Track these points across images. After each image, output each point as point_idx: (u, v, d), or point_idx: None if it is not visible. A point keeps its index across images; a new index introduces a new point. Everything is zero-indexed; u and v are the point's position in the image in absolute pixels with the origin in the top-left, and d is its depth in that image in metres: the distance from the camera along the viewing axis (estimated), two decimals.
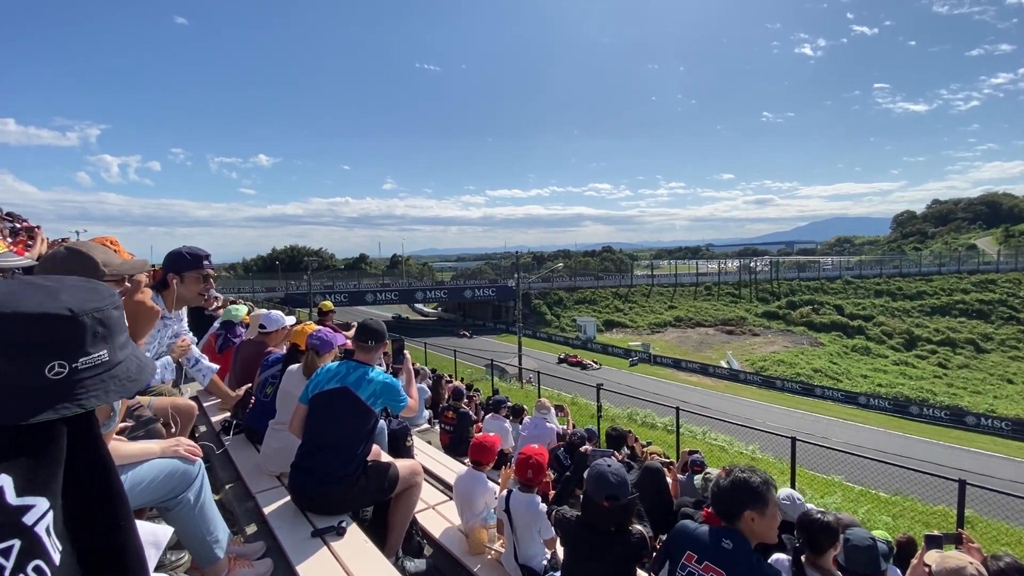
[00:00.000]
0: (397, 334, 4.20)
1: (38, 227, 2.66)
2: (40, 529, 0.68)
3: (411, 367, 3.27)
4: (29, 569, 0.65)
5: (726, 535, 1.88)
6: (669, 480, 4.91)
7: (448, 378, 11.62)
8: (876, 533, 2.93)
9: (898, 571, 3.14)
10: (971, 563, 2.02)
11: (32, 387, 0.71)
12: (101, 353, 0.76)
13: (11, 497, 0.66)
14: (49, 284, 0.78)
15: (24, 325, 0.70)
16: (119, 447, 1.91)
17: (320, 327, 3.41)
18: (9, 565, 0.64)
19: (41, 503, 0.69)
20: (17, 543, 0.65)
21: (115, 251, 2.39)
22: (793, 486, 7.92)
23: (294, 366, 3.29)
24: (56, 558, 0.70)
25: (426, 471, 4.10)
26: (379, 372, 2.75)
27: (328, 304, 6.85)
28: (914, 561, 2.39)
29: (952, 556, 2.09)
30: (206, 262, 2.77)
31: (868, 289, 62.94)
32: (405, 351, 3.36)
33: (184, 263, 2.69)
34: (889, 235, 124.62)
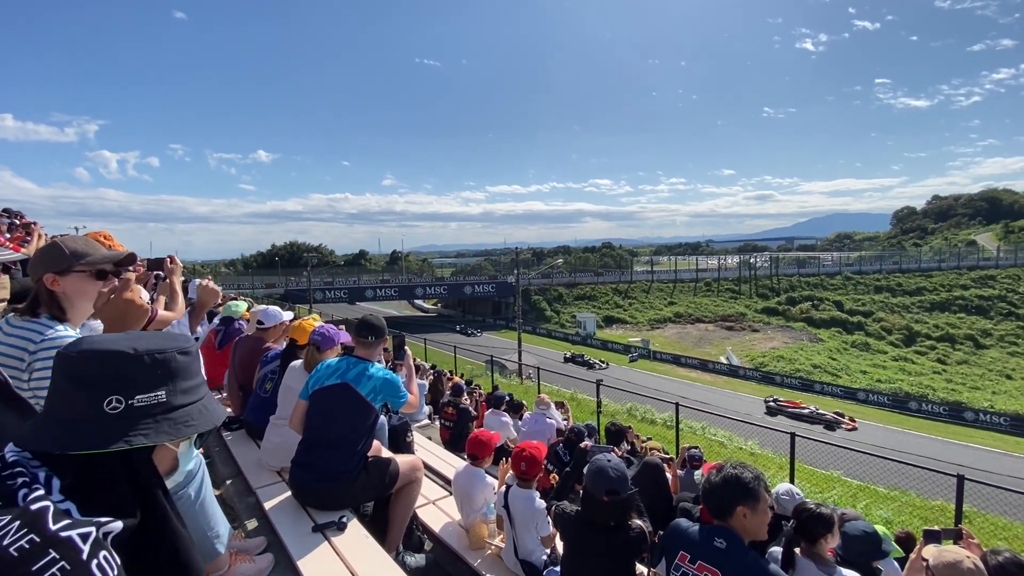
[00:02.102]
0: (397, 330, 4.21)
1: (35, 223, 2.65)
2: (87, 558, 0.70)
3: (412, 363, 3.27)
4: None
5: (719, 534, 1.87)
6: (669, 476, 4.92)
7: (448, 374, 11.63)
8: (878, 529, 2.96)
9: (895, 564, 3.15)
10: (968, 557, 2.02)
11: (93, 419, 0.80)
12: (158, 394, 0.84)
13: (51, 523, 0.70)
14: (136, 333, 0.92)
15: (94, 360, 0.82)
16: None
17: (323, 324, 3.41)
18: None
19: (87, 531, 0.72)
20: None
21: (109, 246, 2.39)
22: (792, 481, 7.95)
23: (296, 362, 3.28)
24: None
25: (426, 467, 4.11)
26: (379, 368, 2.75)
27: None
28: (912, 555, 2.40)
29: (949, 550, 2.09)
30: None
31: (868, 285, 62.96)
32: (406, 347, 3.37)
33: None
34: (889, 231, 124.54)
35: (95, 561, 0.69)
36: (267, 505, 2.76)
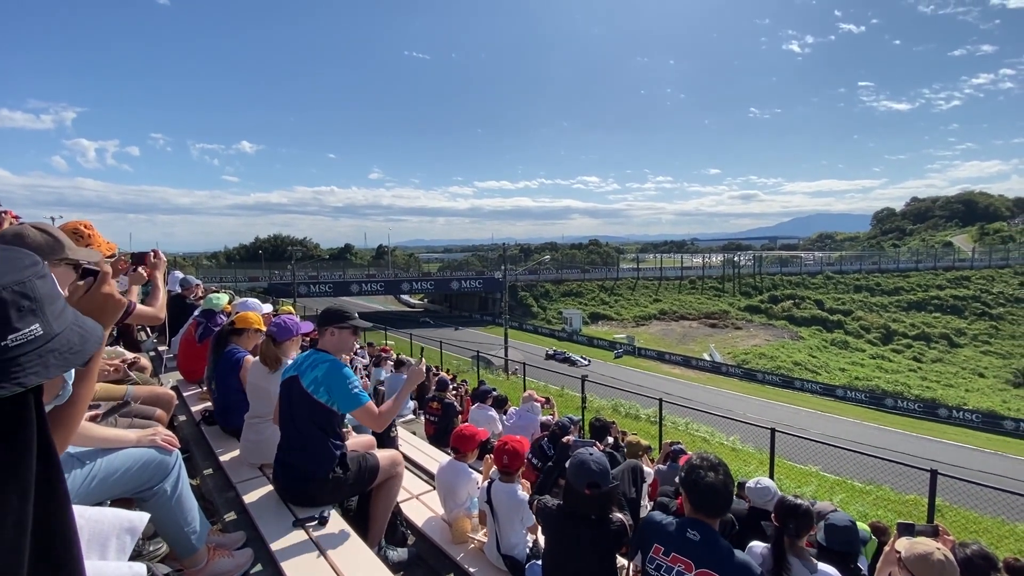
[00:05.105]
0: (384, 325, 4.14)
1: (6, 211, 2.56)
2: None
3: (409, 385, 2.87)
4: None
5: (692, 526, 1.90)
6: (650, 471, 4.97)
7: (435, 369, 11.60)
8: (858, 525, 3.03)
9: (866, 561, 3.22)
10: (938, 549, 2.08)
11: None
12: (32, 328, 0.71)
13: None
14: None
15: None
16: (93, 430, 1.87)
17: (283, 315, 3.35)
18: None
19: None
20: None
21: (89, 235, 2.33)
22: (772, 476, 8.09)
23: (256, 358, 3.22)
24: None
25: (411, 461, 4.09)
26: (329, 358, 2.56)
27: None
28: (886, 548, 2.46)
29: (921, 543, 2.15)
30: None
31: (848, 284, 64.21)
32: (410, 364, 3.28)
33: None
34: (869, 231, 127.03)
35: None
36: (247, 500, 2.73)
